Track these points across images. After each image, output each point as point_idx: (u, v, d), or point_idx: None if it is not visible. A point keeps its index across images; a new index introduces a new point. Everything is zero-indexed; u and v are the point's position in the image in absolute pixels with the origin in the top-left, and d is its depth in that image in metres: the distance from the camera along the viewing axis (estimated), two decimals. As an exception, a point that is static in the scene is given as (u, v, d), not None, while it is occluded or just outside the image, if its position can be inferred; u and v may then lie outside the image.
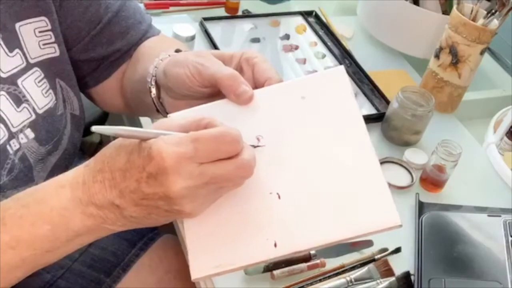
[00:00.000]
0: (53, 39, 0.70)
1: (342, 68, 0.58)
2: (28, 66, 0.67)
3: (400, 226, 0.52)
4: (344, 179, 0.53)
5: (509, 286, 0.74)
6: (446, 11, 1.12)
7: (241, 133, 0.50)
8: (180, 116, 0.55)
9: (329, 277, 0.74)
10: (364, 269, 0.76)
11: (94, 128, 0.47)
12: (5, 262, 0.52)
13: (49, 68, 0.70)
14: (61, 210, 0.51)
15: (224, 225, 0.52)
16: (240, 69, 0.59)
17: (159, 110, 0.67)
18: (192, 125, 0.50)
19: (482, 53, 1.00)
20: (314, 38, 1.18)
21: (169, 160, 0.47)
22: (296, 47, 1.15)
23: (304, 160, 0.54)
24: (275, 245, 0.52)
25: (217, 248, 0.52)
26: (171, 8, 1.21)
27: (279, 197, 0.53)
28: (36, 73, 0.68)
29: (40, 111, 0.68)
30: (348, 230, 0.52)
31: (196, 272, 0.52)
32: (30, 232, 0.51)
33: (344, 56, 1.14)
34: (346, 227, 0.52)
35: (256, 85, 0.58)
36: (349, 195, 0.53)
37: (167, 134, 0.49)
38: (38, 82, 0.68)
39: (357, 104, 0.56)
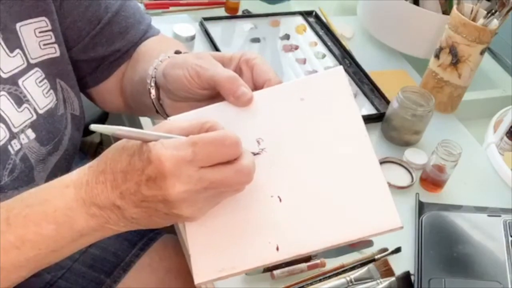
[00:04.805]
0: (53, 39, 0.70)
1: (340, 68, 0.58)
2: (29, 67, 0.67)
3: (401, 228, 0.52)
4: (345, 181, 0.53)
5: (509, 286, 0.74)
6: (446, 11, 1.12)
7: (240, 137, 0.49)
8: (180, 119, 0.55)
9: (329, 277, 0.74)
10: (364, 269, 0.76)
11: (93, 127, 0.47)
12: (9, 262, 0.52)
13: (49, 68, 0.70)
14: (66, 210, 0.52)
15: (225, 229, 0.52)
16: (239, 71, 0.59)
17: (159, 111, 0.67)
18: (194, 129, 0.50)
19: (482, 53, 1.00)
20: (314, 38, 1.18)
21: (168, 164, 0.47)
22: (296, 47, 1.15)
23: (304, 162, 0.54)
24: (277, 248, 0.52)
25: (219, 252, 0.52)
26: (171, 8, 1.21)
27: (280, 200, 0.53)
28: (37, 73, 0.68)
29: (41, 112, 0.68)
30: (350, 233, 0.52)
31: (199, 276, 0.52)
32: (35, 232, 0.52)
33: (344, 56, 1.14)
34: (347, 230, 0.52)
35: (256, 87, 0.58)
36: (350, 197, 0.53)
37: (167, 137, 0.49)
38: (39, 82, 0.68)
39: (356, 104, 0.56)
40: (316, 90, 0.57)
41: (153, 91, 0.66)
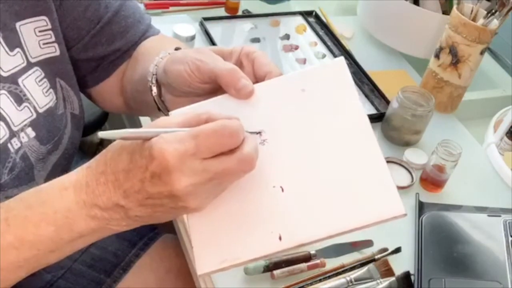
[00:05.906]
0: (53, 39, 0.70)
1: (342, 59, 0.58)
2: (29, 65, 0.67)
3: (405, 215, 0.52)
4: (347, 169, 0.53)
5: (509, 286, 0.74)
6: (446, 11, 1.12)
7: (242, 123, 0.50)
8: (180, 113, 0.55)
9: (329, 277, 0.74)
10: (364, 269, 0.76)
11: (100, 134, 0.47)
12: (8, 262, 0.52)
13: (49, 67, 0.70)
14: (65, 212, 0.51)
15: (228, 220, 0.52)
16: (240, 64, 0.59)
17: (161, 109, 0.67)
18: (192, 121, 0.50)
19: (482, 53, 1.00)
20: (314, 38, 1.18)
21: (172, 159, 0.47)
22: (296, 47, 1.15)
23: (306, 152, 0.54)
24: (280, 238, 0.52)
25: (222, 243, 0.52)
26: (171, 8, 1.21)
27: (282, 190, 0.53)
28: (37, 72, 0.68)
29: (41, 110, 0.68)
30: (353, 220, 0.52)
31: (202, 268, 0.52)
32: (34, 233, 0.52)
33: (344, 56, 1.14)
34: (350, 218, 0.52)
35: (257, 80, 0.58)
36: (352, 185, 0.53)
37: (169, 132, 0.49)
38: (39, 81, 0.68)
39: (357, 94, 0.56)
40: (317, 81, 0.56)
41: (154, 88, 0.66)
